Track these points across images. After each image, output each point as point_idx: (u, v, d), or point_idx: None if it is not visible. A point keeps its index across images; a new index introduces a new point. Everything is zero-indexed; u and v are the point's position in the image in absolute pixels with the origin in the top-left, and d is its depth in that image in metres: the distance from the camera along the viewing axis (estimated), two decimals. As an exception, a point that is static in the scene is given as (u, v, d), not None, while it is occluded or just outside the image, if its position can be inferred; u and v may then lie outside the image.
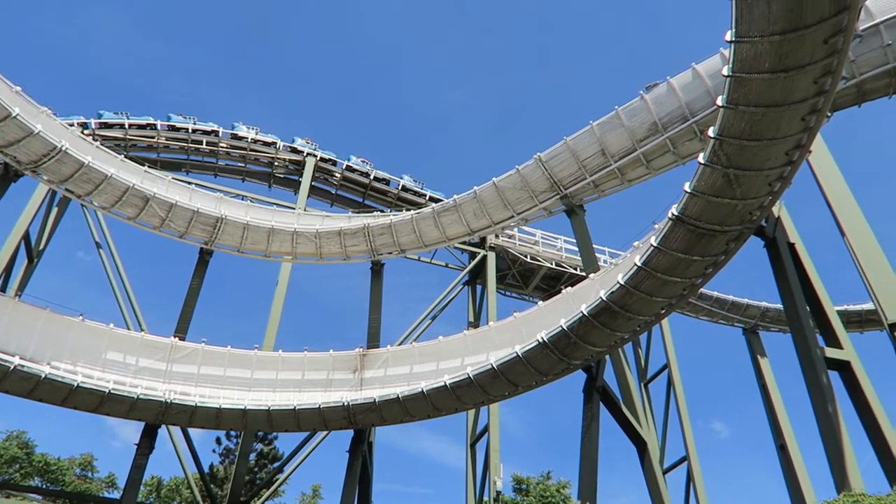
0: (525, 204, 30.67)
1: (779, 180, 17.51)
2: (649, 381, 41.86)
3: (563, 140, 28.91)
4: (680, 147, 26.72)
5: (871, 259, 19.09)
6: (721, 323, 43.48)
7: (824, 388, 19.21)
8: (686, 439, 37.15)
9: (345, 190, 41.00)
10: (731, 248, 19.12)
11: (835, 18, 13.62)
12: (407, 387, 25.76)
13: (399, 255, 34.50)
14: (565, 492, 50.85)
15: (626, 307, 20.32)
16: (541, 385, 24.16)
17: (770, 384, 38.75)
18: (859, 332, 43.06)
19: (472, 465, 35.26)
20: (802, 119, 15.91)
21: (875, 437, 18.96)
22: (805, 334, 20.22)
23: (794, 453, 34.90)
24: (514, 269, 41.94)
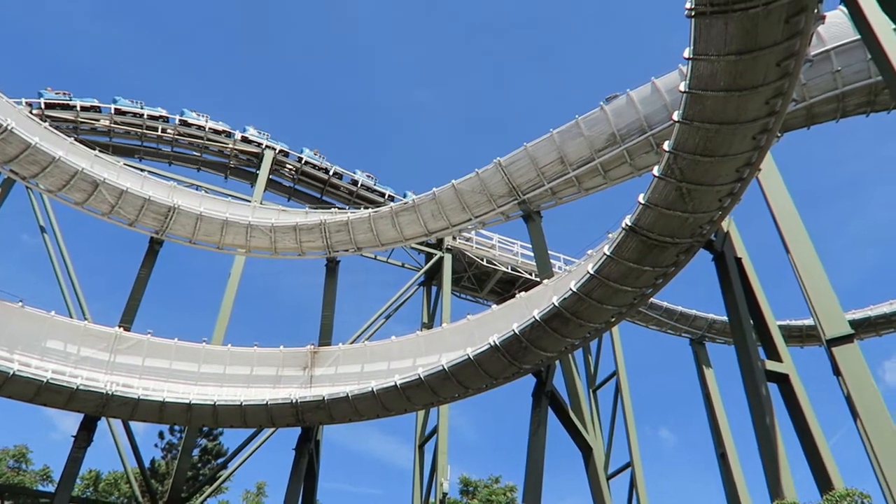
0: (483, 207, 30.84)
1: (729, 196, 18.02)
2: (598, 388, 42.45)
3: (524, 146, 29.18)
4: (637, 159, 27.23)
5: (812, 276, 19.74)
6: (669, 333, 44.40)
7: (763, 400, 19.82)
8: (631, 445, 37.79)
9: (303, 185, 40.50)
10: (681, 259, 19.58)
11: (787, 42, 14.09)
12: (357, 386, 25.60)
13: (355, 253, 34.29)
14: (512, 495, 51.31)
15: (578, 314, 20.61)
16: (491, 388, 24.31)
17: (713, 394, 39.78)
18: (800, 347, 44.57)
19: (419, 466, 35.22)
20: (754, 138, 16.41)
21: (808, 448, 19.64)
22: (747, 347, 20.83)
23: (734, 461, 35.91)
24: (469, 271, 42.08)
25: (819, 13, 14.59)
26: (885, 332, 44.78)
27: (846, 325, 18.43)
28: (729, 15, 13.62)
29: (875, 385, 17.43)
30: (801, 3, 13.48)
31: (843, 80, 24.00)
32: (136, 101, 36.71)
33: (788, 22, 13.82)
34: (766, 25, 13.77)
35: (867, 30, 14.65)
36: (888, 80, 14.09)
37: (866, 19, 14.60)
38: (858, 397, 16.93)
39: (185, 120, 37.53)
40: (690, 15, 13.99)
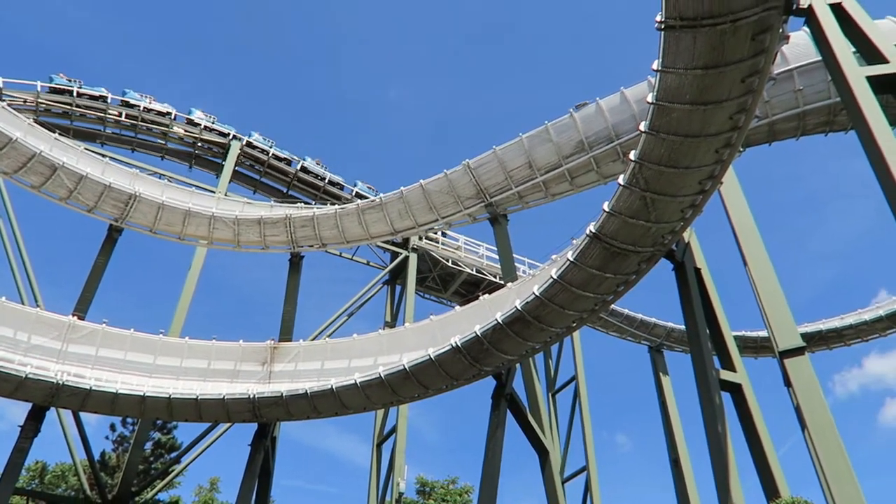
0: (450, 208, 30.88)
1: (691, 207, 18.37)
2: (557, 392, 42.88)
3: (493, 149, 29.32)
4: (603, 167, 27.58)
5: (768, 290, 20.20)
6: (629, 340, 45.03)
7: (716, 408, 20.22)
8: (587, 450, 38.23)
9: (269, 178, 40.01)
10: (642, 268, 19.89)
11: (752, 60, 14.44)
12: (316, 383, 25.39)
13: (320, 249, 34.04)
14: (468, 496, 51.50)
15: (540, 318, 20.76)
16: (451, 389, 24.34)
17: (669, 401, 40.48)
18: (754, 358, 45.63)
19: (376, 465, 35.12)
20: (717, 151, 16.76)
21: (758, 456, 20.11)
22: (703, 356, 21.23)
23: (686, 468, 36.61)
24: (434, 272, 42.09)
25: (784, 33, 15.00)
26: (835, 346, 46.14)
27: (798, 338, 18.90)
28: (698, 30, 13.91)
29: (823, 397, 17.91)
30: (766, 23, 13.84)
31: (804, 99, 24.68)
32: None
33: (754, 40, 14.17)
34: (732, 42, 14.09)
35: (828, 52, 15.11)
36: (846, 102, 14.53)
37: (828, 41, 15.06)
38: (807, 408, 17.38)
39: (127, 101, 36.33)
40: (660, 28, 14.24)
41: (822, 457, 16.47)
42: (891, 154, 12.93)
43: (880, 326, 44.79)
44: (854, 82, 14.19)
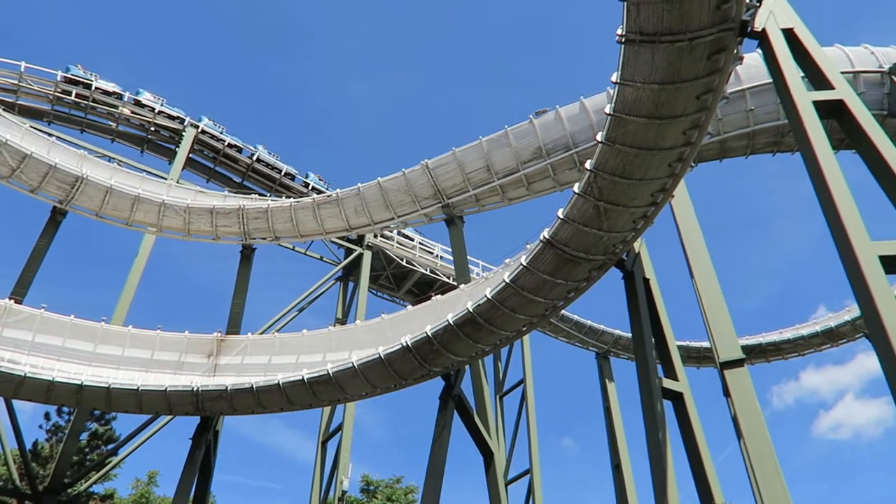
0: (407, 208, 30.80)
1: (642, 218, 18.74)
2: (505, 394, 43.25)
3: (452, 151, 29.36)
4: (560, 174, 27.91)
5: (712, 302, 20.74)
6: (577, 346, 45.70)
7: (657, 416, 20.69)
8: (532, 453, 38.67)
9: (224, 167, 39.31)
10: (593, 275, 20.21)
11: (707, 78, 14.83)
12: (263, 377, 25.00)
13: (273, 242, 33.55)
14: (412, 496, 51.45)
15: (491, 321, 20.89)
16: (400, 388, 24.28)
17: (613, 407, 41.28)
18: (696, 368, 46.85)
19: (321, 463, 34.78)
20: (670, 165, 17.14)
21: (695, 464, 20.64)
22: (647, 364, 21.71)
23: (627, 473, 37.40)
24: (388, 270, 41.98)
25: (738, 54, 15.45)
26: (773, 359, 47.76)
27: (739, 351, 19.47)
28: (656, 45, 14.20)
29: (760, 408, 18.49)
30: (722, 43, 14.22)
31: (755, 118, 25.44)
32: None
33: (710, 59, 14.55)
34: (689, 60, 14.44)
35: (778, 75, 15.61)
36: (793, 124, 15.04)
37: (778, 65, 15.56)
38: (744, 419, 17.91)
39: (70, 77, 35.13)
40: (621, 41, 14.49)
41: (756, 466, 17.00)
42: (832, 177, 13.43)
43: (816, 342, 46.55)
44: (801, 106, 14.69)
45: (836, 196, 13.15)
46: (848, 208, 12.93)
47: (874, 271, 11.97)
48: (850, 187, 13.47)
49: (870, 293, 11.72)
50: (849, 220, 12.71)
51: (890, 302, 11.67)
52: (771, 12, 16.22)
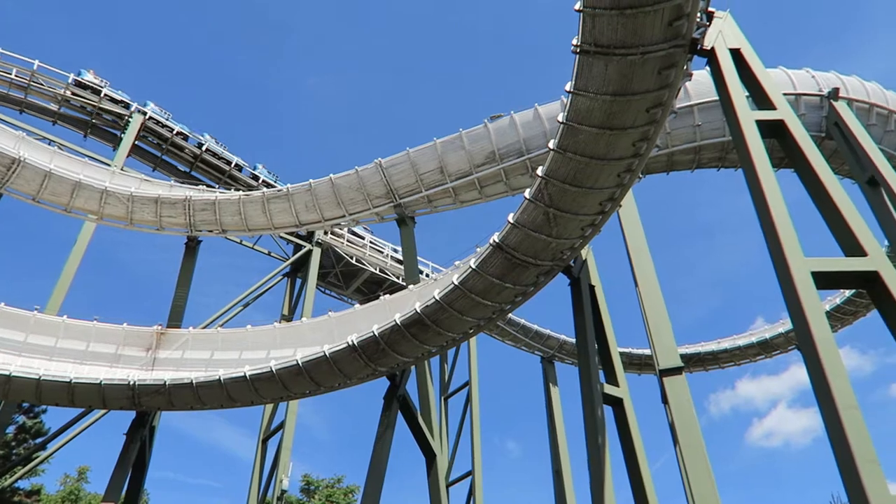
0: (359, 206, 30.59)
1: (590, 226, 19.08)
2: (450, 396, 43.36)
3: (406, 151, 29.33)
4: (512, 179, 28.17)
5: (654, 311, 21.27)
6: (523, 349, 46.20)
7: (598, 421, 21.06)
8: (474, 455, 38.87)
9: (171, 156, 38.28)
10: (540, 280, 20.47)
11: (657, 92, 15.19)
12: (203, 373, 24.46)
13: (219, 235, 32.84)
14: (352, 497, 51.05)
15: (438, 322, 20.92)
16: (344, 387, 24.10)
17: (556, 411, 41.88)
18: (637, 374, 47.97)
19: (260, 461, 34.19)
20: (618, 175, 17.49)
21: (632, 468, 21.09)
22: (590, 369, 22.09)
23: (567, 477, 38.02)
24: (337, 268, 41.62)
25: (688, 70, 15.87)
26: (711, 368, 49.28)
27: (678, 359, 19.99)
28: (610, 57, 14.48)
29: (695, 415, 19.01)
30: (672, 59, 14.61)
31: (701, 134, 26.19)
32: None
33: (661, 73, 14.92)
34: (641, 73, 14.77)
35: (724, 93, 16.13)
36: (736, 141, 15.56)
37: (725, 83, 16.09)
38: (680, 425, 18.40)
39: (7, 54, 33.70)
40: (576, 51, 14.72)
41: (690, 472, 17.48)
42: (771, 194, 13.94)
43: (752, 352, 48.26)
44: (744, 124, 15.22)
45: (774, 213, 13.66)
46: (784, 225, 13.44)
47: (806, 286, 12.47)
48: (787, 205, 14.02)
49: (801, 307, 12.20)
50: (784, 237, 13.21)
51: (820, 316, 12.18)
52: (720, 32, 16.76)
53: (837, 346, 11.97)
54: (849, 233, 13.62)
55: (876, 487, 9.95)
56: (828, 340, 11.79)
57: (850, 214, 13.82)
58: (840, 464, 10.82)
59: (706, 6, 15.81)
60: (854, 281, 13.52)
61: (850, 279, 13.45)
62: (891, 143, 27.29)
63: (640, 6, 13.45)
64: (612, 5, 13.50)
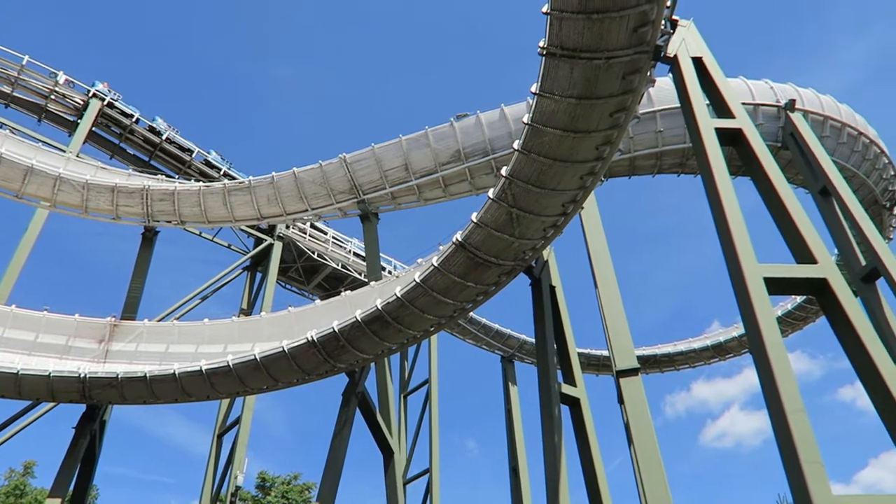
0: (322, 200, 30.33)
1: (552, 227, 19.27)
2: (409, 394, 43.29)
3: (371, 146, 29.18)
4: (476, 178, 28.26)
5: (613, 313, 21.60)
6: (484, 348, 46.41)
7: (555, 420, 21.31)
8: (432, 453, 38.89)
9: (130, 144, 37.31)
10: (502, 280, 20.60)
11: (621, 97, 15.42)
12: (158, 366, 23.96)
13: (178, 226, 32.17)
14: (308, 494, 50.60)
15: (399, 319, 20.89)
16: (303, 383, 23.87)
17: (514, 410, 42.18)
18: (595, 375, 48.60)
19: (215, 457, 33.63)
20: (581, 178, 17.71)
21: (587, 467, 21.42)
22: (548, 369, 22.34)
23: (524, 476, 38.32)
24: (299, 263, 41.17)
25: (651, 77, 16.15)
26: (667, 370, 50.25)
27: (634, 360, 20.35)
28: (575, 61, 14.66)
29: (650, 416, 19.37)
30: (636, 65, 14.85)
31: (663, 140, 26.64)
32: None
33: (625, 78, 15.16)
34: (605, 78, 14.99)
35: (686, 100, 16.44)
36: (696, 148, 15.89)
37: (686, 91, 16.40)
38: (635, 425, 18.73)
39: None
40: (542, 53, 14.86)
41: (644, 472, 17.81)
42: (727, 201, 14.28)
43: (706, 355, 49.36)
44: (704, 131, 15.55)
45: (730, 219, 13.99)
46: (739, 231, 13.78)
47: (759, 291, 12.81)
48: (743, 211, 14.37)
49: (753, 311, 12.52)
50: (739, 242, 13.54)
51: (771, 321, 12.52)
52: (683, 40, 17.08)
53: (787, 351, 12.33)
54: (800, 241, 14.02)
55: (818, 487, 10.27)
56: (777, 345, 12.12)
57: (802, 223, 14.23)
58: (786, 464, 11.14)
59: (670, 14, 16.12)
60: (804, 287, 13.92)
61: (800, 285, 13.86)
62: (843, 154, 28.20)
63: (606, 11, 13.64)
64: (579, 9, 13.66)
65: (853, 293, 13.78)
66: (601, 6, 13.61)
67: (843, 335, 12.79)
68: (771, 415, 11.79)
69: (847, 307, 12.76)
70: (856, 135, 28.34)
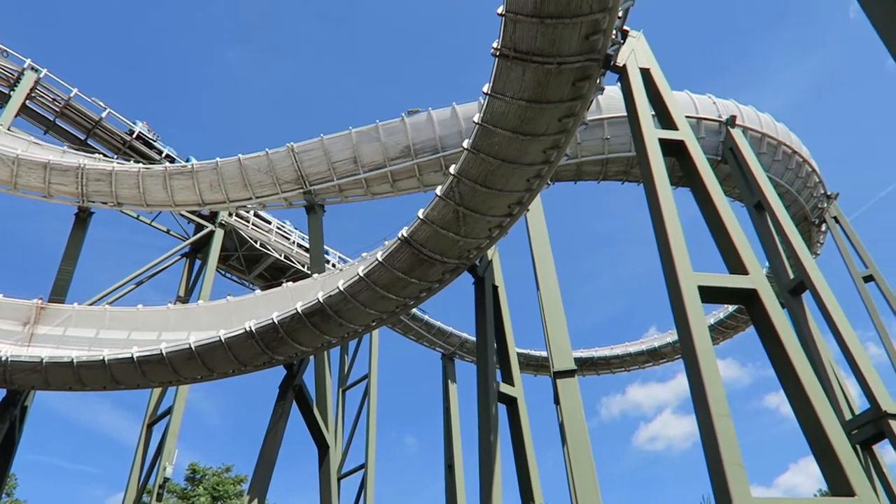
0: (267, 189, 29.76)
1: (498, 227, 19.44)
2: (348, 388, 42.97)
3: (321, 137, 28.80)
4: (425, 175, 28.24)
5: (553, 314, 21.90)
6: (425, 345, 46.45)
7: (492, 418, 21.53)
8: (368, 448, 38.73)
9: (66, 121, 35.75)
10: (445, 278, 20.67)
11: (570, 102, 15.67)
12: (86, 352, 23.12)
13: (114, 208, 31.05)
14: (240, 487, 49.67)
15: (341, 313, 20.73)
16: (239, 374, 23.42)
17: (453, 408, 42.43)
18: (534, 375, 49.29)
19: (143, 447, 32.59)
20: (528, 180, 17.92)
21: (521, 466, 21.73)
22: (487, 367, 22.55)
23: (459, 473, 38.59)
24: (240, 251, 40.30)
25: (600, 84, 16.46)
26: (603, 373, 51.38)
27: (571, 362, 20.69)
28: (528, 64, 14.81)
29: (584, 417, 19.73)
30: (587, 71, 15.11)
31: (609, 147, 27.17)
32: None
33: (575, 85, 15.40)
34: (556, 83, 15.20)
35: (632, 110, 16.82)
36: (640, 157, 16.26)
37: (633, 100, 16.77)
38: (569, 426, 19.06)
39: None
40: (495, 54, 14.96)
41: (575, 471, 18.13)
42: (667, 210, 14.67)
43: (641, 359, 50.70)
44: (648, 141, 15.93)
45: (669, 227, 14.38)
46: (677, 240, 14.19)
47: (692, 299, 13.21)
48: (681, 221, 14.80)
49: (686, 318, 12.91)
50: (676, 251, 13.94)
51: (702, 328, 12.94)
52: (633, 51, 17.46)
53: (717, 357, 12.77)
54: (734, 252, 14.53)
55: (739, 489, 10.67)
56: (708, 351, 12.53)
57: (736, 235, 14.74)
58: (710, 466, 11.53)
59: (622, 25, 16.43)
60: (735, 297, 14.43)
61: (731, 295, 14.36)
62: (777, 171, 29.39)
63: (560, 17, 13.83)
64: (533, 13, 13.81)
65: (781, 305, 14.39)
66: (555, 11, 13.79)
67: (769, 344, 13.32)
68: (698, 418, 12.19)
69: (774, 318, 13.29)
70: (790, 153, 29.57)
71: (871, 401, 19.55)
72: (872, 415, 19.40)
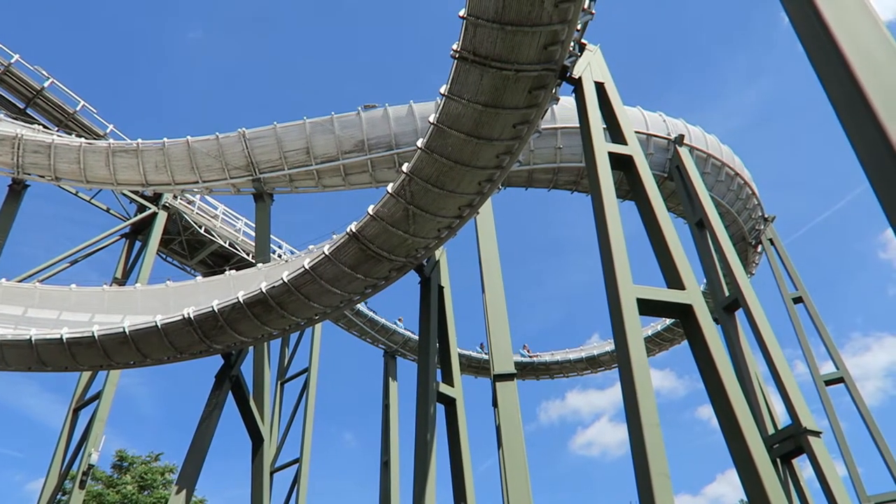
0: (215, 174, 29.13)
1: (447, 228, 19.54)
2: (287, 381, 42.40)
3: (274, 125, 28.36)
4: (378, 171, 28.13)
5: (496, 318, 22.11)
6: (368, 342, 46.22)
7: (429, 418, 21.60)
8: (304, 442, 38.31)
9: (5, 88, 34.23)
10: (392, 275, 20.65)
11: (526, 110, 15.87)
12: (12, 330, 22.19)
13: (52, 182, 29.89)
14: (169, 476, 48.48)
15: (283, 305, 20.46)
16: (175, 362, 22.86)
17: (392, 406, 42.38)
18: (475, 377, 49.63)
19: (69, 432, 31.45)
20: (479, 183, 18.07)
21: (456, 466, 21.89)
22: (428, 367, 22.60)
23: (394, 471, 38.60)
24: (183, 235, 39.29)
25: (555, 94, 16.72)
26: (543, 378, 52.11)
27: (512, 366, 20.94)
28: (486, 69, 14.95)
29: (520, 421, 19.99)
30: (543, 81, 15.34)
31: (561, 156, 27.61)
32: None
33: (531, 93, 15.62)
34: (513, 89, 15.38)
35: (585, 121, 17.15)
36: (589, 169, 16.58)
37: (586, 112, 17.10)
38: (505, 428, 19.30)
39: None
40: (454, 56, 15.04)
41: (509, 473, 18.37)
42: (612, 221, 15.01)
43: (580, 366, 51.63)
44: (597, 153, 16.26)
45: (612, 239, 14.72)
46: (619, 251, 14.53)
47: (631, 311, 13.56)
48: (625, 234, 15.17)
49: (623, 329, 13.25)
50: (618, 262, 14.28)
51: (638, 339, 13.29)
52: (589, 64, 17.79)
53: (650, 369, 13.14)
54: (673, 267, 14.97)
55: (663, 497, 11.01)
56: (642, 361, 12.89)
57: (676, 251, 15.19)
58: (637, 474, 11.86)
59: (580, 37, 16.74)
60: (672, 311, 14.86)
61: (668, 309, 14.78)
62: (720, 191, 30.39)
63: (520, 24, 14.00)
64: (494, 18, 13.94)
65: (714, 321, 14.90)
66: (516, 19, 13.96)
67: (701, 358, 13.79)
68: (629, 427, 12.52)
69: (707, 333, 13.75)
70: (733, 175, 30.63)
71: (792, 417, 20.43)
72: (793, 430, 20.27)
